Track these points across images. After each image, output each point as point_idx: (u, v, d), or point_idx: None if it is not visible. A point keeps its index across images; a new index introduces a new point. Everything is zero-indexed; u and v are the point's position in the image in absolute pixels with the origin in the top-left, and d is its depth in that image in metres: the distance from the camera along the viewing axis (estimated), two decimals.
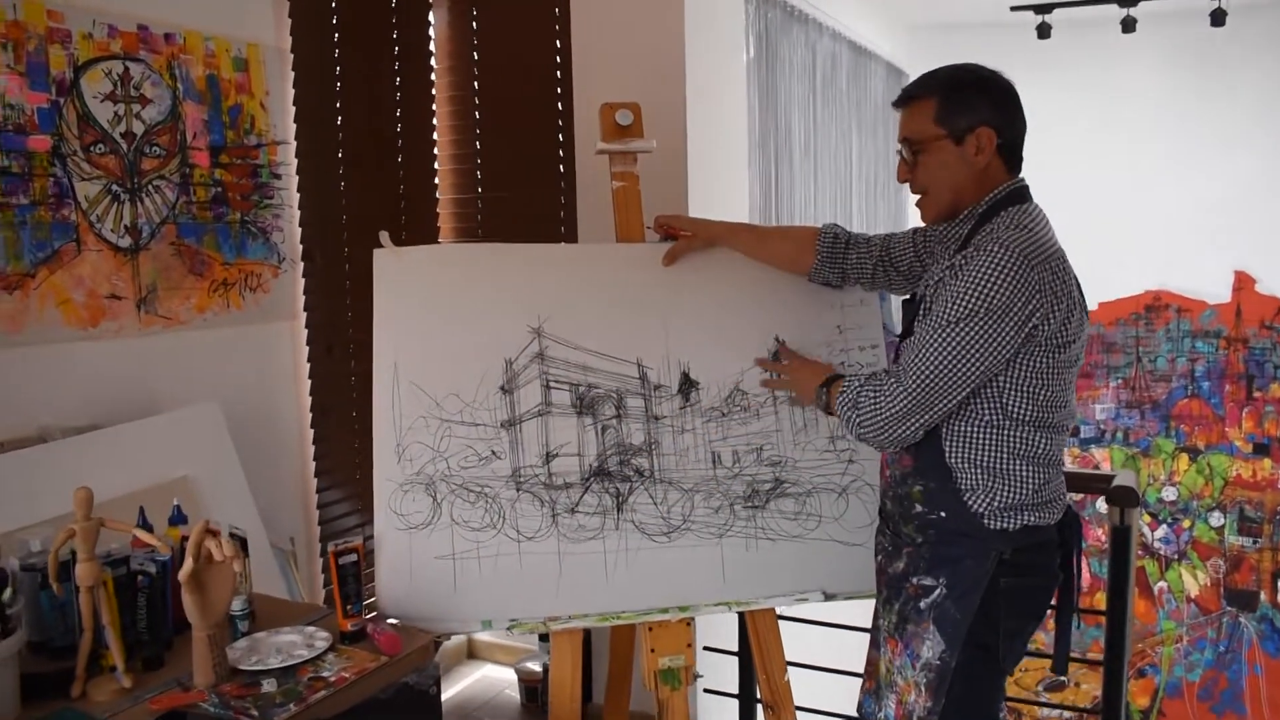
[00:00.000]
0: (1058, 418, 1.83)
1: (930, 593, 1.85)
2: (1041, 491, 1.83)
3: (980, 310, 1.70)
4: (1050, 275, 1.73)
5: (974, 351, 1.72)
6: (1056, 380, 1.80)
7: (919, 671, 1.85)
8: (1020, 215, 1.81)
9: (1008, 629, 1.84)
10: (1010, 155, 1.87)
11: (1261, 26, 5.04)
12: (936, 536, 1.87)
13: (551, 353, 2.12)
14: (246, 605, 1.89)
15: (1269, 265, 5.32)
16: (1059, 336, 1.77)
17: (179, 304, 2.54)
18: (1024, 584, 1.84)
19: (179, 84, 2.50)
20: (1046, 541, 1.87)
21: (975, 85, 1.85)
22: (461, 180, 3.43)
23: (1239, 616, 5.47)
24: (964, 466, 1.83)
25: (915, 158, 1.88)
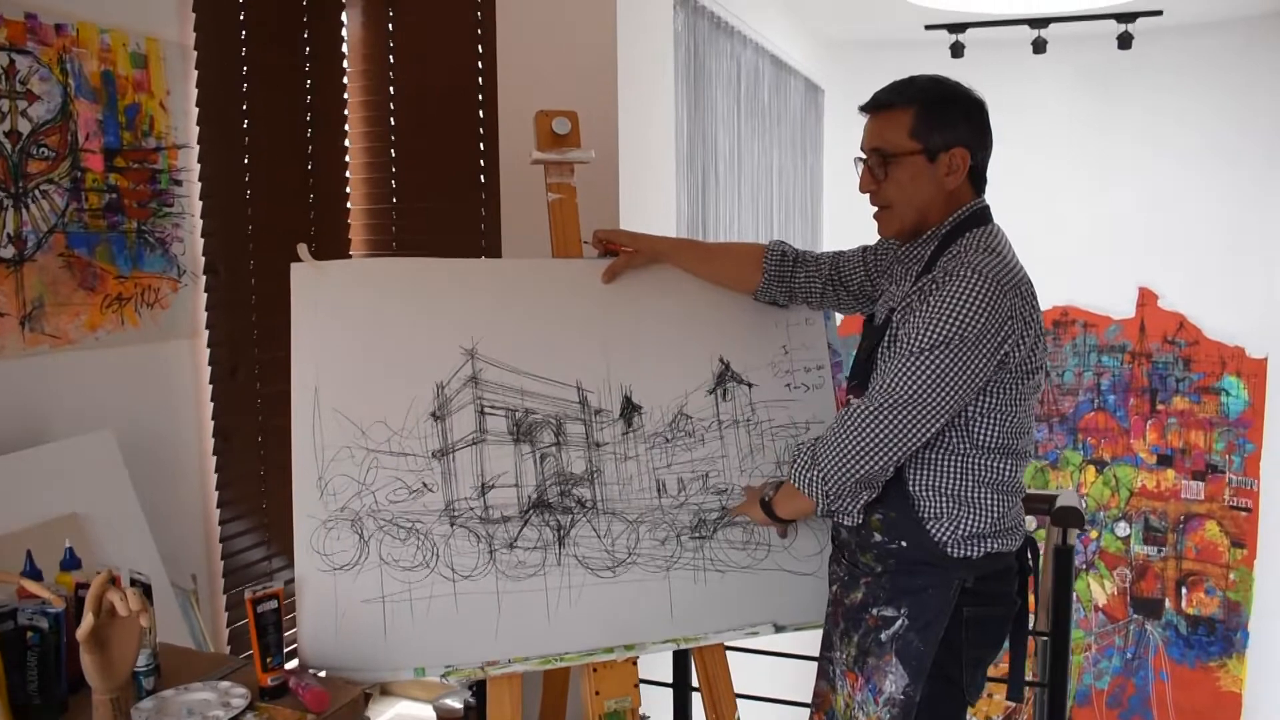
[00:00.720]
0: (1022, 444, 1.79)
1: (891, 624, 1.78)
2: (1005, 519, 1.79)
3: (954, 337, 1.64)
4: (1020, 301, 1.68)
5: (947, 380, 1.65)
6: (1022, 406, 1.76)
7: (881, 707, 1.78)
8: (986, 237, 1.76)
9: (970, 658, 1.79)
10: (977, 178, 1.82)
11: (1167, 49, 5.20)
12: (897, 566, 1.80)
13: (485, 376, 1.98)
14: (152, 659, 1.69)
15: (1171, 282, 5.48)
16: (1028, 363, 1.72)
17: (68, 321, 2.31)
18: (986, 613, 1.80)
19: (71, 80, 2.28)
20: (1007, 569, 1.82)
21: (954, 101, 1.78)
22: (375, 190, 3.25)
23: (1145, 624, 5.60)
24: (928, 495, 1.77)
25: (885, 170, 1.79)
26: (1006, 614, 1.85)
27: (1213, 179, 5.30)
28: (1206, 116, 5.29)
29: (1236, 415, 5.39)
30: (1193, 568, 5.51)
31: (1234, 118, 5.23)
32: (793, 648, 2.59)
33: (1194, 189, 5.34)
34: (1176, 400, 5.50)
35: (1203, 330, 5.43)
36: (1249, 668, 5.39)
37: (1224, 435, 5.42)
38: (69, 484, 2.16)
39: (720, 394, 2.12)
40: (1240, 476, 5.39)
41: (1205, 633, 5.47)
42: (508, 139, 2.84)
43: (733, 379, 2.14)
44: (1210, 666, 5.47)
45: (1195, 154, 5.33)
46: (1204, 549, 5.47)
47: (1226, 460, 5.41)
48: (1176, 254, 5.42)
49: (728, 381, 2.13)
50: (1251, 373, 5.33)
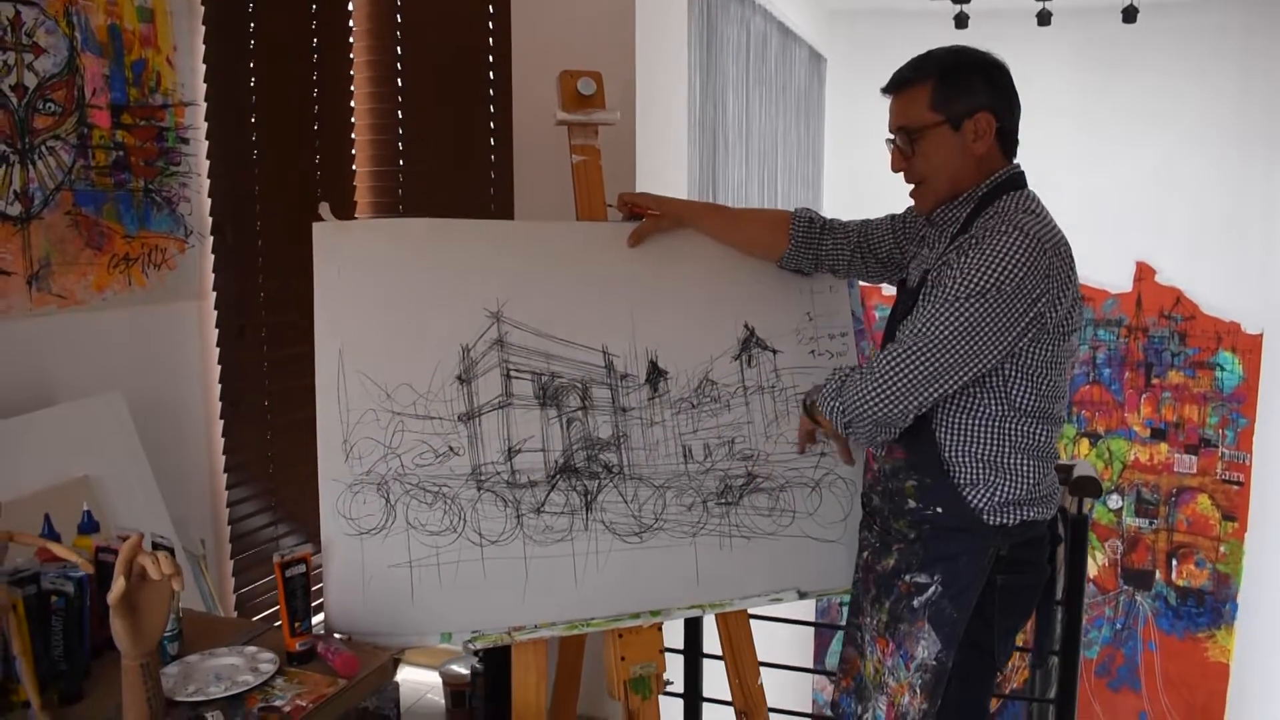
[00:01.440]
0: (1057, 409, 1.78)
1: (924, 590, 1.77)
2: (1040, 485, 1.78)
3: (992, 289, 1.62)
4: (1059, 261, 1.66)
5: (982, 330, 1.63)
6: (1057, 370, 1.74)
7: (913, 673, 1.77)
8: (1024, 200, 1.74)
9: (1003, 627, 1.78)
10: (1007, 141, 1.80)
11: (1170, 24, 5.17)
12: (931, 532, 1.79)
13: (511, 339, 1.95)
14: (176, 625, 1.67)
15: (1168, 257, 5.49)
16: (1065, 325, 1.71)
17: (75, 281, 2.26)
18: (1020, 581, 1.78)
19: (77, 33, 2.21)
20: (1040, 537, 1.81)
21: (972, 68, 1.76)
22: (381, 152, 3.20)
23: (1135, 595, 5.65)
24: (963, 461, 1.75)
25: (912, 146, 1.78)
26: (1038, 583, 1.84)
27: (1212, 155, 5.30)
28: (1208, 92, 5.28)
29: (1231, 390, 5.42)
30: (1184, 540, 5.55)
31: (1235, 94, 5.23)
32: (787, 613, 2.58)
33: (1193, 164, 5.34)
34: (1171, 374, 5.53)
35: (1199, 305, 5.45)
36: (1237, 639, 5.45)
37: (1218, 410, 5.44)
38: (81, 446, 2.12)
39: (745, 360, 2.09)
40: (1233, 451, 5.43)
41: (1194, 604, 5.53)
42: (523, 100, 2.78)
43: (758, 345, 2.11)
44: (1199, 637, 5.53)
45: (1195, 129, 5.32)
46: (1195, 522, 5.52)
47: (1220, 434, 5.44)
48: (1174, 229, 5.43)
49: (753, 348, 2.11)
50: (1247, 348, 5.35)
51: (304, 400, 2.88)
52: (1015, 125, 1.81)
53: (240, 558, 2.77)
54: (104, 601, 1.52)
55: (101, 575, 1.58)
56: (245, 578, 2.79)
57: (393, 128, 3.15)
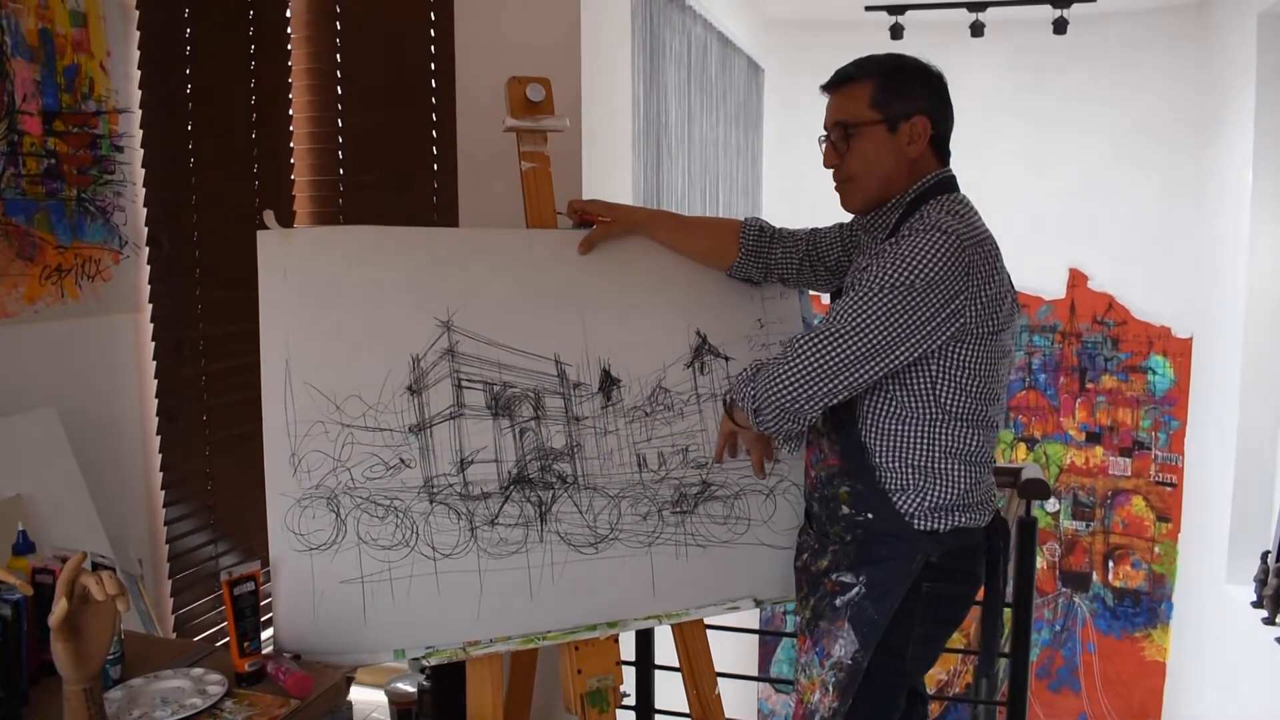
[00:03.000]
0: (990, 413, 1.78)
1: (848, 590, 1.77)
2: (973, 492, 1.77)
3: (906, 283, 1.62)
4: (981, 258, 1.67)
5: (896, 322, 1.63)
6: (988, 372, 1.74)
7: (827, 670, 1.76)
8: (950, 202, 1.75)
9: (920, 635, 1.77)
10: (940, 148, 1.82)
11: (1099, 36, 5.31)
12: (864, 537, 1.79)
13: (462, 348, 1.92)
14: (118, 647, 1.60)
15: (1100, 263, 5.62)
16: (990, 323, 1.70)
17: (6, 293, 2.18)
18: (946, 591, 1.77)
19: (6, 37, 2.13)
20: (974, 546, 1.80)
21: (912, 73, 1.80)
22: (321, 161, 3.14)
23: (1073, 597, 5.76)
24: (892, 466, 1.75)
25: (847, 142, 1.79)
26: (966, 594, 1.83)
27: (1142, 162, 5.45)
28: (1137, 101, 5.43)
29: (1162, 393, 5.56)
30: (1120, 542, 5.68)
31: (1163, 103, 5.38)
32: (739, 624, 2.57)
33: (1124, 172, 5.48)
34: (1105, 379, 5.65)
35: (1130, 311, 5.59)
36: (1172, 638, 5.58)
37: (1150, 413, 5.58)
38: (13, 465, 2.04)
39: (698, 367, 2.09)
40: (1165, 453, 5.56)
41: (1131, 604, 5.65)
42: (466, 108, 2.75)
43: (710, 352, 2.11)
44: (1136, 637, 5.65)
45: (1125, 138, 5.47)
46: (1130, 523, 5.64)
47: (1153, 437, 5.58)
48: (1106, 236, 5.56)
49: (705, 355, 2.10)
50: (1177, 352, 5.49)
51: (243, 415, 2.83)
52: (948, 134, 1.84)
53: (179, 577, 2.69)
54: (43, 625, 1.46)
55: (39, 597, 1.52)
56: (184, 597, 2.70)
57: (332, 136, 3.09)
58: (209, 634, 2.74)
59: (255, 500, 1.76)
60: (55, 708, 1.36)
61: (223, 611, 2.80)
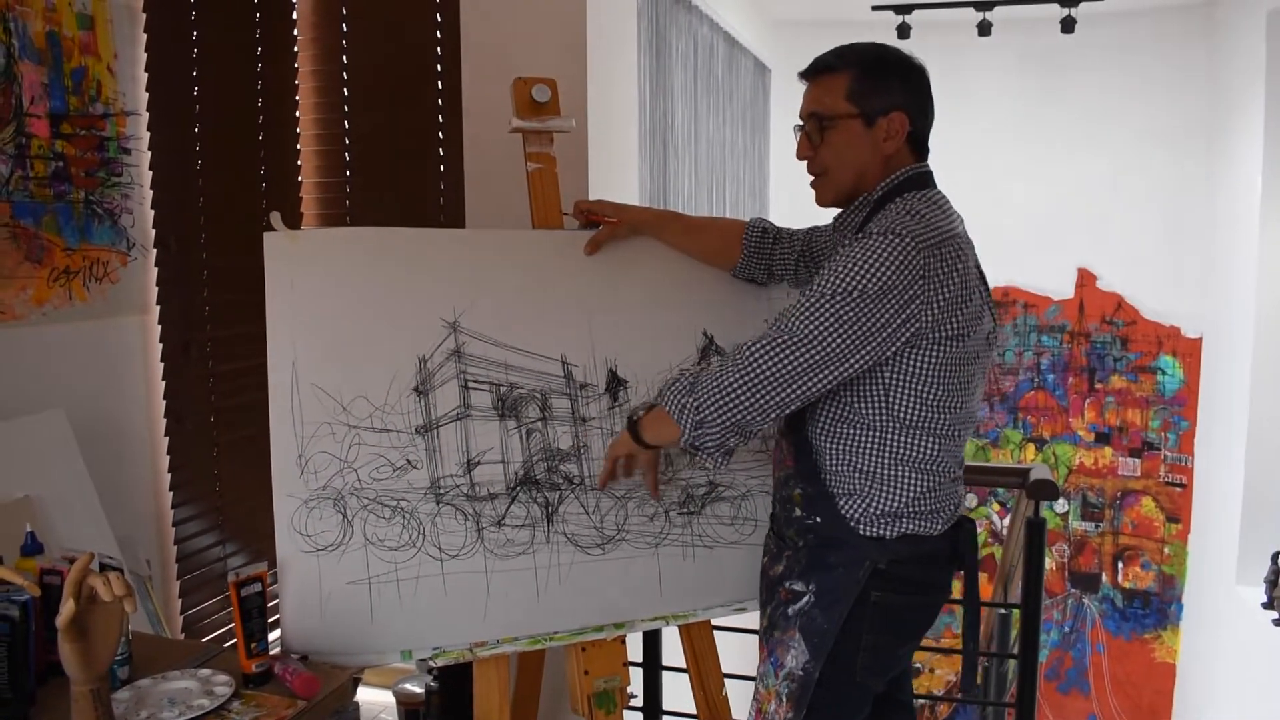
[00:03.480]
0: (948, 421, 1.69)
1: (799, 599, 1.74)
2: (924, 499, 1.71)
3: (856, 289, 1.57)
4: (937, 261, 1.59)
5: (847, 331, 1.58)
6: (948, 379, 1.66)
7: (780, 681, 1.73)
8: (916, 201, 1.68)
9: (871, 644, 1.71)
10: (918, 144, 1.76)
11: (1107, 35, 5.29)
12: (815, 541, 1.75)
13: (469, 349, 1.92)
14: (126, 648, 1.61)
15: (1109, 263, 5.61)
16: (946, 328, 1.62)
17: (14, 295, 2.18)
18: (897, 600, 1.71)
19: (14, 40, 2.14)
20: (932, 554, 1.74)
21: (892, 66, 1.74)
22: (327, 162, 3.14)
23: (1082, 598, 5.74)
24: (840, 469, 1.71)
25: (821, 135, 1.74)
26: (924, 603, 1.77)
27: (1151, 162, 5.43)
28: (1146, 101, 5.41)
29: (1172, 394, 5.54)
30: (1129, 543, 5.66)
31: (1173, 102, 5.36)
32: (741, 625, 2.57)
33: (1133, 172, 5.47)
34: (1114, 379, 5.63)
35: (1140, 311, 5.57)
36: (1182, 639, 5.56)
37: (1160, 413, 5.56)
38: (21, 466, 2.04)
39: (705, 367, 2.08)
40: (1175, 453, 5.54)
41: (1140, 606, 5.63)
42: (472, 109, 2.76)
43: (716, 352, 2.10)
44: (1145, 638, 5.63)
45: (1135, 137, 5.45)
46: (1140, 524, 5.62)
47: (1162, 438, 5.56)
48: (1115, 236, 5.55)
49: (712, 355, 2.10)
50: (1187, 352, 5.47)
51: (251, 416, 2.83)
52: (927, 130, 1.77)
53: (187, 578, 2.70)
54: (51, 625, 1.47)
55: (47, 598, 1.53)
56: (192, 599, 2.71)
57: (339, 137, 3.10)
58: (217, 635, 2.75)
59: (263, 501, 1.77)
60: (63, 708, 1.37)
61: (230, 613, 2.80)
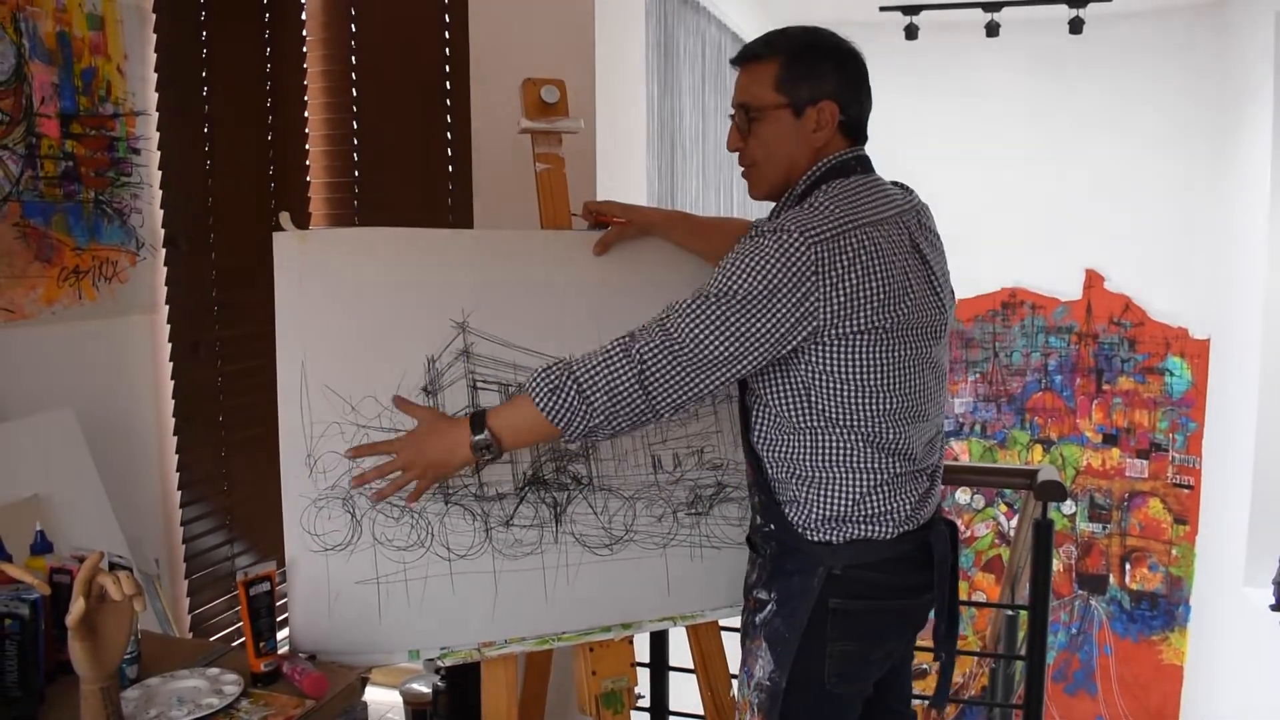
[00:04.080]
0: (878, 420, 1.62)
1: (764, 608, 1.71)
2: (865, 502, 1.64)
3: (740, 291, 1.51)
4: (833, 254, 1.51)
5: (729, 334, 1.53)
6: (870, 376, 1.58)
7: (751, 690, 1.71)
8: (829, 191, 1.61)
9: (838, 651, 1.65)
10: (852, 132, 1.69)
11: (1116, 36, 5.28)
12: (776, 549, 1.72)
13: (478, 349, 1.92)
14: (135, 646, 1.61)
15: (1117, 264, 5.59)
16: (853, 322, 1.54)
17: (24, 294, 2.19)
18: (859, 606, 1.65)
19: (25, 40, 2.15)
20: (891, 559, 1.67)
21: (823, 53, 1.66)
22: (336, 163, 3.15)
23: (1090, 599, 5.73)
24: (781, 476, 1.69)
25: (749, 125, 1.69)
26: (894, 609, 1.70)
27: (1159, 163, 5.42)
28: (1154, 102, 5.40)
29: (1180, 395, 5.53)
30: (1136, 544, 5.64)
31: (1180, 103, 5.35)
32: None
33: (1141, 173, 5.46)
34: (1122, 380, 5.62)
35: (1147, 312, 5.55)
36: (1190, 641, 5.54)
37: (1167, 415, 5.55)
38: (31, 465, 2.05)
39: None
40: (1183, 455, 5.53)
41: (1148, 607, 5.61)
42: (480, 109, 2.76)
43: None
44: (1153, 640, 5.62)
45: (1142, 138, 5.44)
46: (1147, 526, 5.61)
47: (1170, 439, 5.54)
48: (1123, 237, 5.54)
49: None
50: (1194, 354, 5.46)
51: (259, 416, 2.84)
52: (863, 117, 1.71)
53: (195, 578, 2.70)
54: (60, 624, 1.47)
55: (57, 597, 1.53)
56: (200, 598, 2.72)
57: (348, 138, 3.10)
58: (225, 634, 2.76)
59: (271, 501, 1.77)
60: (72, 707, 1.37)
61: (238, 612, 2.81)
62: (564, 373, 1.61)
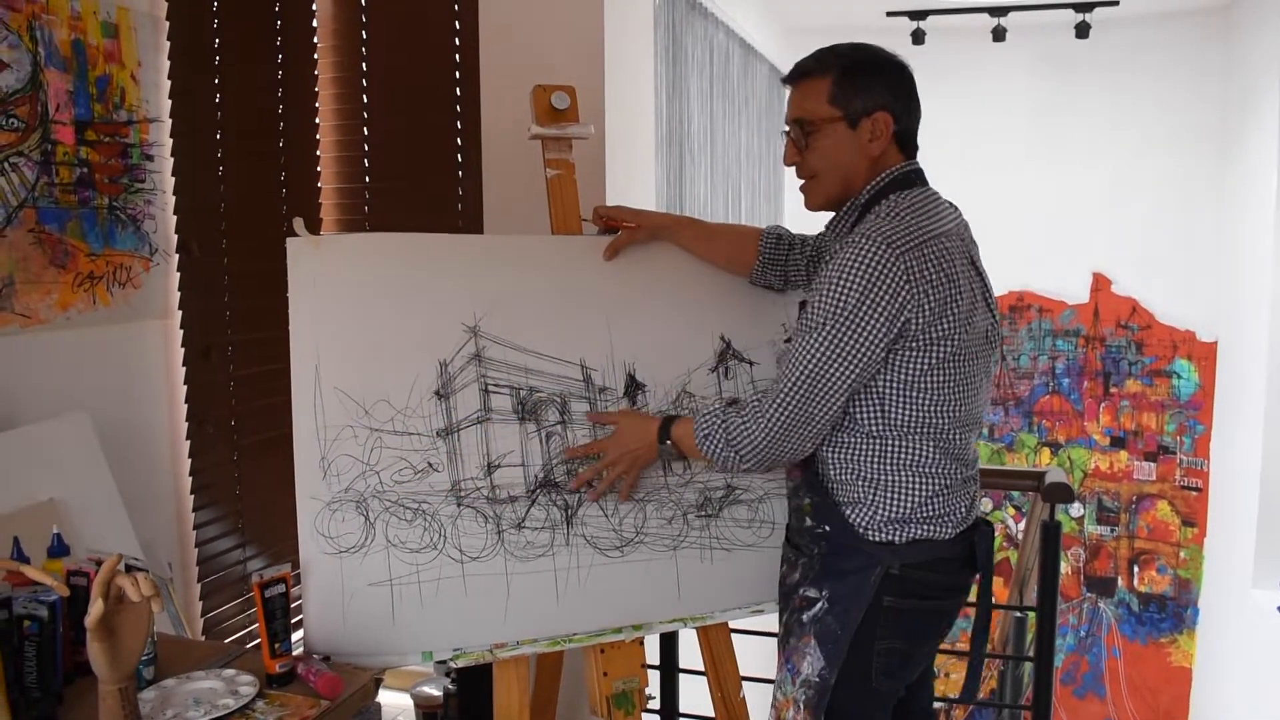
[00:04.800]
0: (948, 424, 1.69)
1: (813, 605, 1.74)
2: (931, 503, 1.71)
3: (844, 310, 1.59)
4: (921, 261, 1.59)
5: (841, 354, 1.61)
6: (943, 382, 1.66)
7: (798, 688, 1.74)
8: (899, 202, 1.69)
9: (885, 649, 1.71)
10: (905, 143, 1.76)
11: (1122, 40, 5.29)
12: (827, 549, 1.76)
13: (489, 354, 1.94)
14: (151, 648, 1.63)
15: (1124, 267, 5.59)
16: (936, 329, 1.62)
17: (39, 300, 2.21)
18: (909, 604, 1.71)
19: (40, 49, 2.18)
20: (945, 559, 1.73)
21: (874, 66, 1.74)
22: (347, 169, 3.17)
23: (1098, 602, 5.72)
24: (844, 478, 1.73)
25: (806, 140, 1.75)
26: (937, 608, 1.77)
27: (1166, 166, 5.42)
28: (1161, 105, 5.41)
29: (1187, 398, 5.52)
30: (1145, 547, 5.64)
31: (1187, 107, 5.35)
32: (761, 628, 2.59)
33: (1147, 176, 5.46)
34: (1129, 383, 5.62)
35: (1154, 315, 5.55)
36: (1198, 643, 5.54)
37: (1175, 417, 5.54)
38: (46, 469, 2.07)
39: (722, 372, 2.10)
40: (1191, 457, 5.52)
41: (1156, 610, 5.61)
42: (490, 115, 2.78)
43: (734, 357, 2.12)
44: (1161, 642, 5.61)
45: (1149, 142, 5.44)
46: (1155, 528, 5.61)
47: (1177, 441, 5.54)
48: (1130, 240, 5.54)
49: (729, 360, 2.11)
50: (1202, 356, 5.46)
51: (271, 420, 2.86)
52: (914, 127, 1.77)
53: (207, 581, 2.72)
54: (77, 626, 1.49)
55: (74, 599, 1.55)
56: (212, 601, 2.73)
57: (358, 144, 3.13)
58: (237, 637, 2.77)
59: (283, 505, 1.79)
60: (90, 707, 1.39)
61: (250, 615, 2.84)
62: (718, 422, 1.75)
